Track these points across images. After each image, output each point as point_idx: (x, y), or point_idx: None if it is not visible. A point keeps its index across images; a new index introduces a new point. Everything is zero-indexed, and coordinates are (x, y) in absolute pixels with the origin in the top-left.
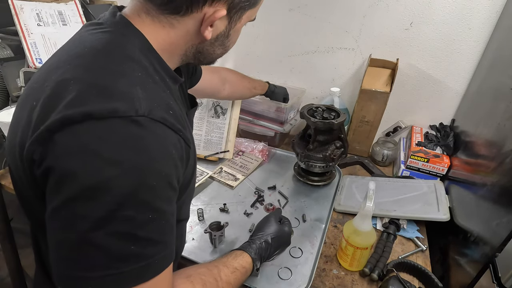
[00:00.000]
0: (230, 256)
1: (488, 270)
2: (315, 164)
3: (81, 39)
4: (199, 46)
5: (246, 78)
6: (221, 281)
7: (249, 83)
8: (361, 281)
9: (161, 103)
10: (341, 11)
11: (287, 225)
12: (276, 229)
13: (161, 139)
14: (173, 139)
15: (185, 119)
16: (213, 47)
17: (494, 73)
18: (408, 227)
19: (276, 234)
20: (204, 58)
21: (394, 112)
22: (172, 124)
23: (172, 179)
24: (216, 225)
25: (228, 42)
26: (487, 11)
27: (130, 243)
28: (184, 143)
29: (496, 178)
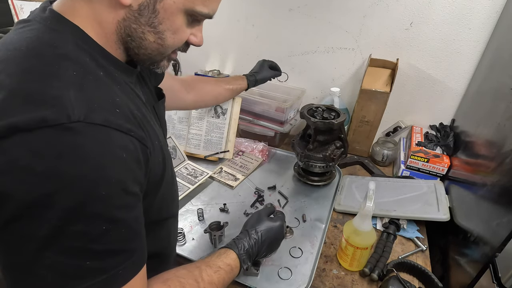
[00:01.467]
0: (213, 255)
1: (488, 270)
2: (315, 164)
3: (5, 41)
4: (125, 24)
5: (221, 80)
6: (203, 282)
7: (225, 84)
8: (361, 281)
9: (104, 102)
10: (341, 11)
11: (279, 218)
12: (266, 223)
13: (104, 144)
14: (122, 141)
15: (145, 115)
16: (140, 27)
17: (494, 73)
18: (408, 227)
19: (265, 228)
20: (136, 46)
21: (394, 112)
22: (119, 125)
23: (127, 184)
24: (216, 225)
25: (157, 22)
26: (487, 11)
27: (85, 259)
28: (139, 143)
29: (496, 178)
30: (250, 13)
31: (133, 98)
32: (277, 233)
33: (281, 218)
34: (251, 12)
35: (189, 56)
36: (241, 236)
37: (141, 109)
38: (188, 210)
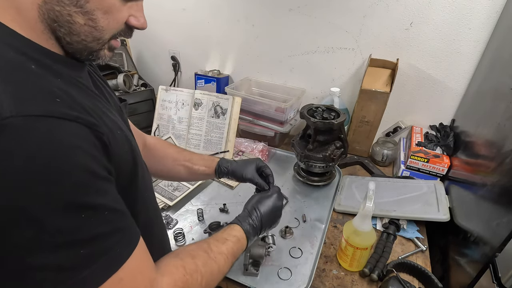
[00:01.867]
0: (219, 232)
1: (488, 270)
2: (315, 164)
3: None
4: (47, 7)
5: (185, 153)
6: (212, 252)
7: (186, 160)
8: (361, 281)
9: (39, 93)
10: (341, 11)
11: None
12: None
13: (51, 134)
14: (70, 128)
15: (98, 106)
16: (65, 9)
17: (494, 73)
18: (408, 227)
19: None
20: (66, 32)
21: (394, 112)
22: (63, 113)
23: (93, 168)
24: (216, 225)
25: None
26: (487, 11)
27: (78, 249)
28: (89, 129)
29: (496, 178)
30: (250, 13)
31: (81, 90)
32: (275, 203)
33: (275, 190)
34: (251, 12)
35: (189, 56)
36: (242, 214)
37: (91, 100)
38: (188, 210)
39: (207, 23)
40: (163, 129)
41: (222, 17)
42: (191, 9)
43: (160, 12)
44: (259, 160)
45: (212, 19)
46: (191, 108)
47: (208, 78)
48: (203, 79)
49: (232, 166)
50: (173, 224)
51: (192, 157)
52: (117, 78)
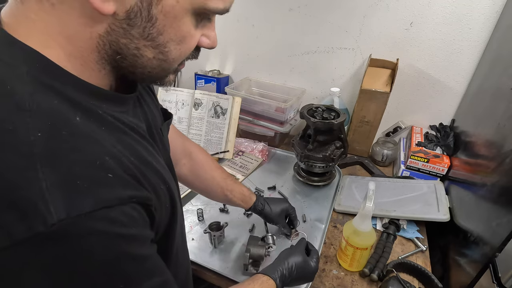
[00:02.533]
0: (256, 283)
1: (488, 270)
2: (315, 164)
3: None
4: (111, 39)
5: (229, 178)
6: None
7: (228, 187)
8: (361, 281)
9: (89, 171)
10: (341, 11)
11: (315, 259)
12: (302, 260)
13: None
14: (125, 216)
15: (144, 157)
16: (133, 42)
17: (494, 73)
18: (408, 227)
19: (301, 265)
20: (131, 65)
21: (394, 112)
22: (118, 198)
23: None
24: (215, 225)
25: (155, 32)
26: (487, 11)
27: None
28: (142, 207)
29: (496, 178)
30: (250, 13)
31: (126, 138)
32: (311, 274)
33: (316, 260)
34: (251, 12)
35: None
36: (278, 264)
37: (138, 151)
38: (188, 210)
39: None
40: None
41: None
42: None
43: None
44: (288, 204)
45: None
46: (191, 108)
47: (208, 78)
48: (203, 79)
49: (266, 210)
50: None
51: (234, 188)
52: None
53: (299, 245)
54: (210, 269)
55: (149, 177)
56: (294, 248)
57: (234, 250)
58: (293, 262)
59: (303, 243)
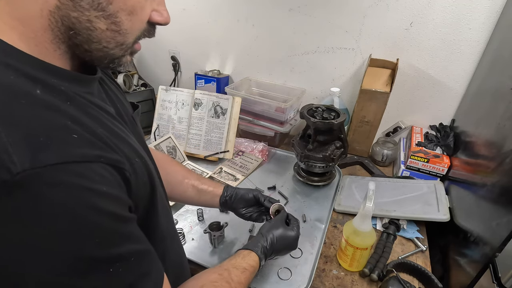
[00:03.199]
0: (238, 257)
1: (488, 270)
2: (315, 164)
3: None
4: (61, 14)
5: (188, 169)
6: (233, 282)
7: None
8: (361, 281)
9: (53, 131)
10: (341, 11)
11: (295, 230)
12: (282, 231)
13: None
14: (93, 172)
15: (114, 131)
16: (84, 14)
17: (494, 73)
18: (408, 227)
19: (282, 235)
20: (85, 40)
21: (394, 112)
22: (84, 155)
23: (120, 212)
24: (215, 226)
25: (105, 1)
26: (487, 11)
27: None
28: (113, 168)
29: (496, 178)
30: (250, 13)
31: (94, 112)
32: (291, 243)
33: (296, 231)
34: (251, 12)
35: (189, 56)
36: (258, 238)
37: (107, 125)
38: (188, 210)
39: (207, 23)
40: (163, 129)
41: (222, 17)
42: (191, 9)
43: None
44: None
45: (212, 19)
46: (191, 108)
47: (208, 78)
48: (203, 79)
49: (240, 188)
50: None
51: (201, 178)
52: (117, 78)
53: (278, 218)
54: None
55: (121, 147)
56: (273, 221)
57: (234, 250)
58: (272, 234)
59: (283, 215)
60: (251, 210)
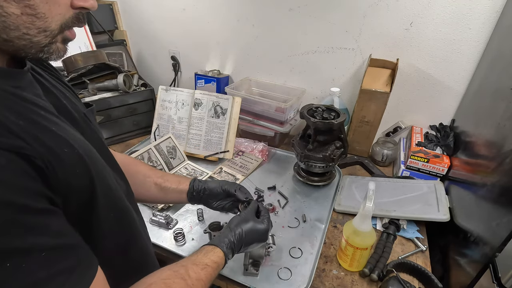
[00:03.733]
0: (200, 253)
1: (488, 270)
2: (315, 164)
3: None
4: None
5: (150, 166)
6: (190, 279)
7: (150, 171)
8: (361, 281)
9: None
10: (341, 11)
11: (265, 223)
12: (251, 224)
13: None
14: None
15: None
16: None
17: (494, 73)
18: (408, 227)
19: (251, 229)
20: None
21: (394, 112)
22: None
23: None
24: (215, 226)
25: None
26: (487, 11)
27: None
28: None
29: (496, 178)
30: (250, 13)
31: (15, 105)
32: (261, 236)
33: (267, 224)
34: (251, 12)
35: (189, 56)
36: (226, 233)
37: (29, 117)
38: (188, 210)
39: (207, 23)
40: (163, 129)
41: (222, 17)
42: (191, 9)
43: (160, 12)
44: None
45: (212, 19)
46: (191, 108)
47: (208, 78)
48: (203, 79)
49: (208, 182)
50: (173, 224)
51: (166, 175)
52: (117, 78)
53: (248, 210)
54: None
55: (42, 138)
56: (242, 214)
57: None
58: (240, 228)
59: (253, 207)
60: (223, 203)
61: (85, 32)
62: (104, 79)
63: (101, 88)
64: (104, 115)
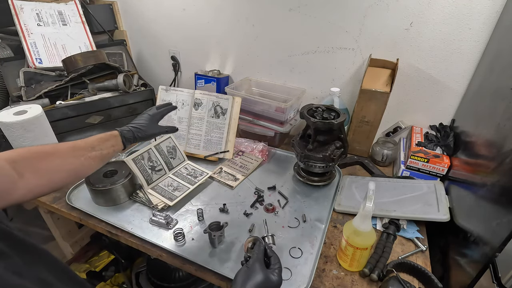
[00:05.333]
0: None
1: (488, 270)
2: (315, 164)
3: None
4: None
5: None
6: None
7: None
8: (361, 281)
9: None
10: (341, 11)
11: (277, 270)
12: (262, 278)
13: None
14: None
15: None
16: None
17: (494, 73)
18: (408, 227)
19: (261, 285)
20: None
21: (394, 112)
22: None
23: None
24: (215, 225)
25: None
26: (487, 11)
27: None
28: None
29: (496, 178)
30: (250, 13)
31: None
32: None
33: (278, 274)
34: (251, 12)
35: (189, 56)
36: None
37: None
38: (188, 210)
39: (207, 23)
40: None
41: (222, 17)
42: (191, 9)
43: (160, 12)
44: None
45: (212, 19)
46: (191, 108)
47: (208, 78)
48: (203, 79)
49: (136, 132)
50: (173, 224)
51: (93, 144)
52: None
53: (255, 259)
54: (210, 269)
55: None
56: (250, 265)
57: (234, 250)
58: (251, 286)
59: (260, 252)
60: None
61: (85, 32)
62: (104, 79)
63: (101, 88)
64: (104, 115)
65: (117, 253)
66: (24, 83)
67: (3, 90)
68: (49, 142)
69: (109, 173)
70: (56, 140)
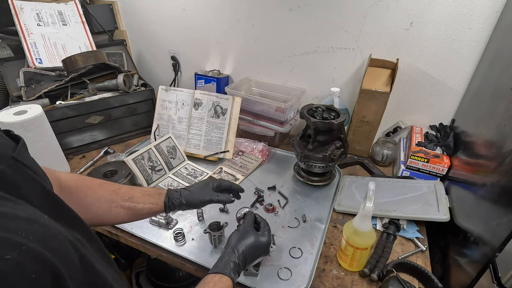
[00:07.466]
0: (208, 286)
1: (488, 270)
2: (315, 164)
3: None
4: None
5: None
6: None
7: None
8: (361, 281)
9: None
10: (341, 11)
11: (266, 235)
12: (253, 239)
13: None
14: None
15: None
16: None
17: (494, 73)
18: (408, 227)
19: (253, 245)
20: None
21: (394, 112)
22: None
23: None
24: (215, 226)
25: None
26: (487, 11)
27: None
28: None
29: (496, 178)
30: (250, 13)
31: None
32: (264, 250)
33: (268, 235)
34: (251, 12)
35: (189, 56)
36: (229, 254)
37: None
38: (188, 210)
39: (207, 23)
40: (163, 129)
41: (222, 17)
42: (191, 9)
43: (160, 12)
44: (212, 179)
45: (212, 19)
46: (191, 108)
47: (208, 78)
48: (203, 79)
49: (184, 195)
50: (173, 224)
51: (133, 194)
52: (117, 78)
53: (247, 223)
54: None
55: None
56: (242, 229)
57: None
58: (243, 247)
59: (251, 218)
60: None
61: (85, 32)
62: (104, 79)
63: (101, 88)
64: (104, 115)
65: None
66: (24, 83)
67: (3, 90)
68: (49, 142)
69: (109, 173)
70: (56, 140)
